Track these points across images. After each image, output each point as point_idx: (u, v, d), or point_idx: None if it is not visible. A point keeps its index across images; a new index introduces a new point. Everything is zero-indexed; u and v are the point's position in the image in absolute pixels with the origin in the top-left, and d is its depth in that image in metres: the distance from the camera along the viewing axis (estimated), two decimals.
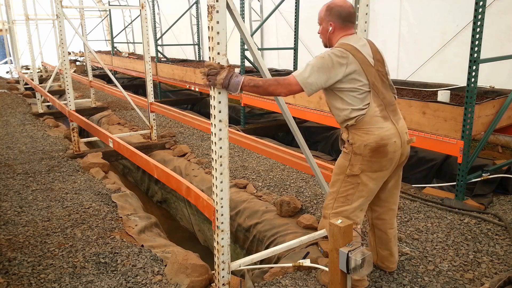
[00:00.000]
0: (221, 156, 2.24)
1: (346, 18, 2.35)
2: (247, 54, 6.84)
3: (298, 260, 2.80)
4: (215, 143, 2.22)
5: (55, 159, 5.34)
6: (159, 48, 10.52)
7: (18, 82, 12.71)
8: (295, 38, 7.28)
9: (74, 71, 12.29)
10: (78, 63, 16.90)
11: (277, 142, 5.94)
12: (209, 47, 2.14)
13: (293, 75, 2.23)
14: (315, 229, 3.28)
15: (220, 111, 2.19)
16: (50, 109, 9.18)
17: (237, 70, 7.06)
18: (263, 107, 6.73)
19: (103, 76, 13.33)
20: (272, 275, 2.76)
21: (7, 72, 16.27)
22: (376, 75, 2.31)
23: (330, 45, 2.44)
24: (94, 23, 18.09)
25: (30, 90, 10.74)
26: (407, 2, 6.44)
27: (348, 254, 2.13)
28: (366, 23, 2.85)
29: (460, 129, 3.73)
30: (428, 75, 6.14)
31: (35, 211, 3.81)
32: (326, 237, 2.86)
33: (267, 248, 3.36)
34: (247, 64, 7.04)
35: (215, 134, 2.21)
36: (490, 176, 3.96)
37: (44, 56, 15.27)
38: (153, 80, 6.64)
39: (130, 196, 4.27)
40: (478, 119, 3.82)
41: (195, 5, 11.23)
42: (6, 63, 18.02)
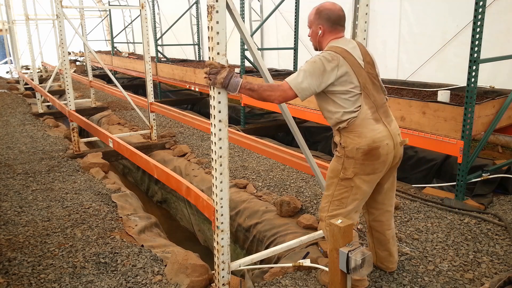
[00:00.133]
0: (221, 156, 2.24)
1: (336, 21, 2.36)
2: (247, 54, 6.84)
3: (298, 260, 2.80)
4: (215, 143, 2.22)
5: (55, 159, 5.34)
6: (159, 48, 10.52)
7: (18, 82, 12.71)
8: (295, 38, 7.28)
9: (74, 71, 12.28)
10: (78, 63, 16.91)
11: (277, 142, 5.94)
12: (208, 47, 2.14)
13: (286, 81, 2.24)
14: (315, 229, 3.28)
15: (220, 111, 2.19)
16: (50, 109, 9.18)
17: (237, 70, 7.10)
18: (263, 107, 6.73)
19: (103, 76, 13.33)
20: (272, 275, 2.76)
21: (7, 72, 16.28)
22: (367, 77, 2.31)
23: (320, 48, 2.45)
24: (94, 23, 18.09)
25: (30, 90, 10.74)
26: (407, 2, 6.44)
27: (348, 254, 2.13)
28: (366, 23, 2.85)
29: (460, 129, 3.73)
30: (428, 75, 6.14)
31: (35, 211, 3.82)
32: None
33: (267, 248, 3.36)
34: (247, 64, 7.04)
35: (215, 134, 2.22)
36: (490, 176, 3.96)
37: (44, 56, 15.28)
38: (153, 80, 6.65)
39: (130, 196, 4.27)
40: (478, 119, 3.82)
41: (195, 5, 11.23)
42: (6, 63, 18.02)
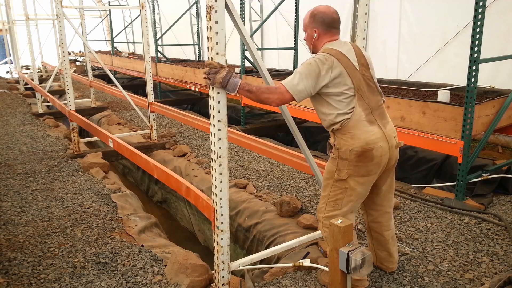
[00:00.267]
0: (220, 156, 2.24)
1: (330, 24, 2.38)
2: (247, 54, 6.84)
3: (298, 260, 2.80)
4: (214, 143, 2.22)
5: (55, 159, 5.34)
6: (159, 48, 10.52)
7: (18, 82, 12.71)
8: (295, 38, 7.28)
9: (74, 71, 12.28)
10: (78, 63, 16.91)
11: (277, 142, 5.94)
12: (208, 47, 2.14)
13: (282, 83, 2.26)
14: (315, 229, 3.28)
15: (219, 111, 2.19)
16: (50, 109, 9.18)
17: (237, 70, 7.10)
18: (263, 107, 6.73)
19: (103, 76, 13.33)
20: (272, 275, 2.76)
21: (7, 72, 16.28)
22: (361, 79, 2.32)
23: (315, 51, 2.46)
24: (94, 23, 18.09)
25: (30, 90, 10.74)
26: (407, 2, 6.44)
27: (348, 254, 2.13)
28: (365, 22, 2.85)
29: (460, 129, 3.73)
30: (428, 75, 6.14)
31: (35, 211, 3.81)
32: None
33: (267, 248, 3.36)
34: (247, 64, 7.04)
35: (214, 134, 2.22)
36: (490, 176, 3.96)
37: (44, 56, 15.28)
38: (153, 80, 6.65)
39: (130, 196, 4.27)
40: (478, 119, 3.82)
41: (195, 5, 11.23)
42: (6, 63, 18.02)
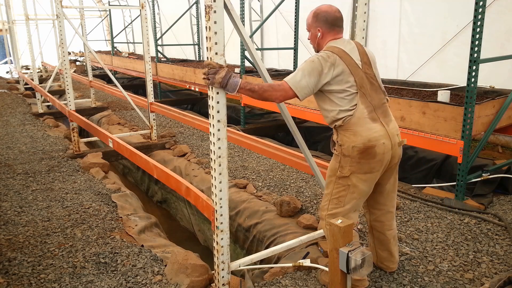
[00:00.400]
0: (220, 156, 2.24)
1: (333, 22, 2.41)
2: (247, 54, 6.84)
3: (298, 260, 2.80)
4: (214, 143, 2.22)
5: (55, 159, 5.34)
6: (159, 48, 10.52)
7: (18, 82, 12.71)
8: (295, 38, 7.28)
9: (74, 71, 12.28)
10: (78, 63, 16.91)
11: (277, 142, 5.93)
12: (207, 47, 2.14)
13: (285, 80, 2.28)
14: (315, 229, 3.28)
15: (218, 111, 2.19)
16: (50, 109, 9.18)
17: (237, 70, 7.10)
18: (263, 107, 6.73)
19: (103, 76, 13.33)
20: (272, 275, 2.76)
21: (7, 72, 16.28)
22: (364, 77, 2.34)
23: (320, 50, 2.47)
24: (94, 23, 18.09)
25: (30, 90, 10.74)
26: (407, 2, 6.44)
27: (348, 254, 2.12)
28: (365, 22, 2.85)
29: (460, 129, 3.73)
30: (428, 75, 6.14)
31: (35, 211, 3.81)
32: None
33: (267, 248, 3.35)
34: (247, 64, 7.04)
35: (213, 134, 2.22)
36: (490, 176, 3.96)
37: (44, 56, 15.28)
38: (153, 80, 6.64)
39: (130, 196, 4.27)
40: (478, 119, 3.81)
41: (195, 5, 11.23)
42: (6, 63, 18.02)
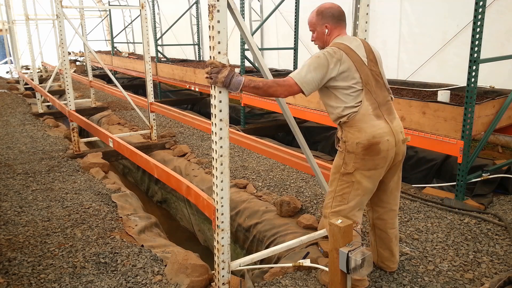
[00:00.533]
0: (221, 155, 2.24)
1: (339, 17, 2.44)
2: (247, 54, 6.85)
3: (298, 260, 2.80)
4: (216, 142, 2.22)
5: (55, 159, 5.34)
6: (159, 48, 10.52)
7: (18, 82, 12.70)
8: (295, 38, 7.28)
9: (74, 71, 12.28)
10: (78, 63, 16.91)
11: (277, 142, 5.94)
12: (210, 46, 2.14)
13: (290, 76, 2.28)
14: (315, 229, 3.28)
15: (220, 110, 2.19)
16: (50, 109, 9.18)
17: (237, 70, 7.09)
18: (263, 107, 6.73)
19: (103, 76, 13.33)
20: (272, 275, 2.76)
21: (7, 72, 16.27)
22: (369, 74, 2.35)
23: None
24: (94, 23, 18.09)
25: (30, 90, 10.74)
26: (407, 2, 6.44)
27: (348, 254, 2.13)
28: (367, 23, 2.85)
29: (460, 129, 3.73)
30: (428, 75, 6.14)
31: (35, 211, 3.81)
32: (326, 237, 2.86)
33: (267, 248, 3.35)
34: (247, 64, 7.04)
35: (215, 133, 2.21)
36: (490, 176, 3.96)
37: (44, 56, 15.27)
38: (153, 80, 6.64)
39: (130, 196, 4.27)
40: (478, 119, 3.82)
41: (195, 5, 11.23)
42: (6, 63, 18.01)
